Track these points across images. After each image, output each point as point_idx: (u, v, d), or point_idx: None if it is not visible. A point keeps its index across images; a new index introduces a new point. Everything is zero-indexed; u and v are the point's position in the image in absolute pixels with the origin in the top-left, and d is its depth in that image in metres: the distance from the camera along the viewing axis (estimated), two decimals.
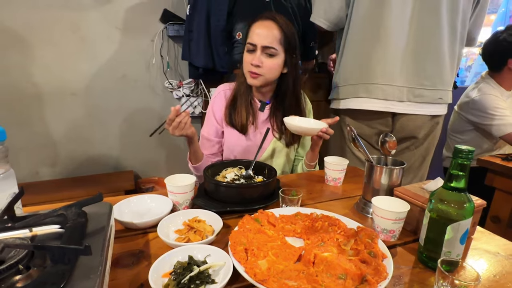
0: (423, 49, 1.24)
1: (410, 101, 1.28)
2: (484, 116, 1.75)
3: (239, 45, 1.80)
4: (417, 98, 1.28)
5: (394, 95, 1.28)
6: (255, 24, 1.18)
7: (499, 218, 1.59)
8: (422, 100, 1.29)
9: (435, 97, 1.29)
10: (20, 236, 0.53)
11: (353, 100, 1.35)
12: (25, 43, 1.96)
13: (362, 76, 1.31)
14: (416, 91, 1.27)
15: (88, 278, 0.43)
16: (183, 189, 0.87)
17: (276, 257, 0.64)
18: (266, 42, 1.14)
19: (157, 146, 2.47)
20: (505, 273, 0.67)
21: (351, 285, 0.56)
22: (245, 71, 1.22)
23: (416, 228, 0.80)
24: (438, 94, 1.29)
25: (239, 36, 1.79)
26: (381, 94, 1.29)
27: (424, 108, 1.30)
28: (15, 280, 0.43)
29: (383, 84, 1.28)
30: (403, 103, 1.29)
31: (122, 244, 0.72)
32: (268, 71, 1.18)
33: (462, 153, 0.61)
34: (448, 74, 1.29)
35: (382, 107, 1.30)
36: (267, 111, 1.30)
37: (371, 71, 1.29)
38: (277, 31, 1.15)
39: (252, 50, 1.17)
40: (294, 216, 0.82)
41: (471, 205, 0.63)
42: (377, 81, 1.28)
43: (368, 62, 1.29)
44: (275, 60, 1.17)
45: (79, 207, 0.60)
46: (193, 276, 0.57)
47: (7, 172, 0.67)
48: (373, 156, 0.95)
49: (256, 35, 1.15)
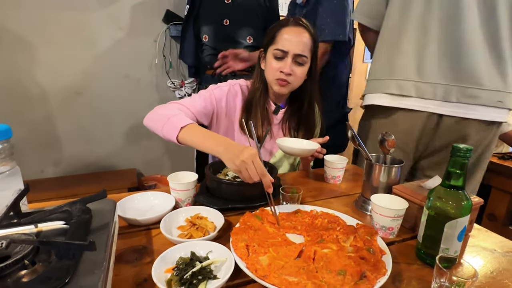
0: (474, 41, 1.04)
1: (460, 102, 1.07)
2: None
3: (206, 47, 1.83)
4: (469, 99, 1.07)
5: (435, 94, 1.09)
6: (284, 30, 1.09)
7: (495, 216, 1.59)
8: (476, 102, 1.06)
9: (494, 99, 1.06)
10: (26, 232, 0.53)
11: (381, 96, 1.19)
12: (30, 44, 1.96)
13: (394, 71, 1.15)
14: (467, 91, 1.06)
15: (93, 273, 0.43)
16: (185, 187, 0.86)
17: (276, 254, 0.64)
18: (299, 50, 1.08)
19: (159, 145, 2.47)
20: (502, 270, 0.66)
21: (350, 281, 0.56)
22: (271, 78, 1.13)
23: (414, 226, 0.80)
24: (497, 96, 1.06)
25: (205, 38, 1.81)
26: (415, 92, 1.11)
27: (477, 111, 1.08)
28: (20, 275, 0.43)
29: (418, 81, 1.11)
30: (450, 103, 1.08)
31: (126, 240, 0.72)
32: (297, 79, 1.12)
33: (460, 151, 0.61)
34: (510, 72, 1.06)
35: (416, 106, 1.12)
36: (280, 114, 1.25)
37: (405, 65, 1.13)
38: (307, 38, 1.09)
39: (281, 58, 1.09)
40: (294, 213, 0.82)
41: (468, 203, 0.62)
42: (410, 77, 1.11)
43: (402, 54, 1.13)
44: (304, 68, 1.12)
45: (84, 204, 0.60)
46: (196, 272, 0.57)
47: (13, 169, 0.66)
48: (372, 155, 0.95)
49: (288, 41, 1.07)
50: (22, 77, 1.99)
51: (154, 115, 1.02)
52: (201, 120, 1.14)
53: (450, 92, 1.08)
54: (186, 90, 2.33)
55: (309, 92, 1.21)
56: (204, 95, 1.15)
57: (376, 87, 1.21)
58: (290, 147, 1.07)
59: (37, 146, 2.12)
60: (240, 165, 0.77)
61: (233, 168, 0.80)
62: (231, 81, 1.23)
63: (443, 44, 1.07)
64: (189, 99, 1.13)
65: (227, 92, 1.18)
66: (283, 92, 1.15)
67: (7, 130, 0.65)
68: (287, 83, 1.11)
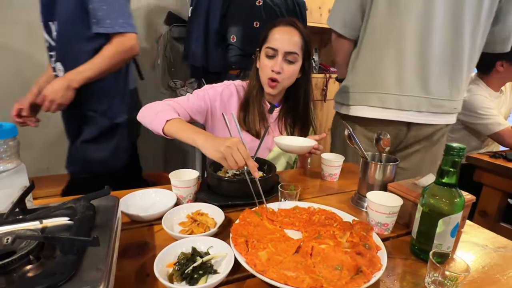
0: (445, 59, 1.16)
1: (429, 111, 1.21)
2: (473, 115, 1.75)
3: (233, 48, 1.79)
4: (436, 109, 1.21)
5: (411, 105, 1.20)
6: (275, 29, 1.11)
7: (487, 213, 1.59)
8: (440, 110, 1.22)
9: (452, 107, 1.23)
10: (31, 227, 0.52)
11: (364, 108, 1.27)
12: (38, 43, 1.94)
13: (377, 85, 1.23)
14: (434, 102, 1.20)
15: (96, 268, 0.43)
16: (186, 184, 0.86)
17: (275, 249, 0.64)
18: (289, 48, 1.09)
19: (162, 143, 2.47)
20: (493, 265, 0.66)
21: (347, 275, 0.56)
22: (263, 78, 1.15)
23: (408, 222, 0.80)
24: (454, 104, 1.23)
25: (233, 39, 1.77)
26: (395, 104, 1.21)
27: (441, 118, 1.24)
28: (26, 270, 0.43)
29: (398, 94, 1.20)
30: (421, 113, 1.21)
31: (129, 235, 0.72)
32: (287, 78, 1.13)
33: (453, 150, 0.61)
34: (464, 84, 1.23)
35: (395, 117, 1.22)
36: (275, 113, 1.25)
37: (387, 81, 1.21)
38: (298, 37, 1.10)
39: (272, 56, 1.10)
40: (292, 210, 0.82)
41: (461, 200, 0.62)
42: (391, 91, 1.20)
43: (384, 71, 1.21)
44: (295, 66, 1.12)
45: (88, 201, 0.60)
46: (196, 267, 0.57)
47: (19, 166, 0.66)
48: (368, 153, 0.95)
49: (278, 40, 1.09)
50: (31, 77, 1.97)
51: (145, 110, 1.04)
52: (195, 117, 1.15)
53: (422, 103, 1.20)
54: (188, 89, 2.33)
55: (303, 89, 1.21)
56: (198, 93, 1.17)
57: (360, 99, 1.29)
58: (287, 144, 1.06)
59: (43, 144, 2.11)
60: (226, 151, 0.76)
61: (216, 155, 0.79)
62: (226, 82, 1.24)
63: (419, 60, 1.17)
64: (183, 97, 1.15)
65: (221, 92, 1.19)
66: (273, 93, 1.16)
67: (12, 129, 0.65)
68: (277, 83, 1.12)
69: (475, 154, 1.64)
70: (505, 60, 1.69)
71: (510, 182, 1.47)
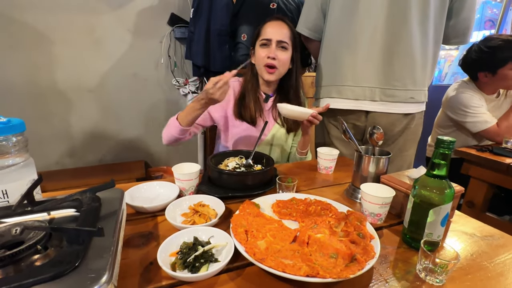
0: (393, 53, 1.19)
1: (382, 100, 1.24)
2: (461, 113, 1.71)
3: (242, 46, 1.75)
4: (389, 98, 1.24)
5: (365, 95, 1.25)
6: (267, 24, 1.20)
7: (474, 203, 1.59)
8: (394, 100, 1.24)
9: (407, 97, 1.24)
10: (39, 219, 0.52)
11: (327, 99, 1.33)
12: (46, 44, 1.93)
13: (335, 79, 1.29)
14: (387, 92, 1.23)
15: (101, 257, 0.42)
16: (189, 177, 0.86)
17: (273, 238, 0.63)
18: (280, 37, 1.17)
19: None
20: (481, 253, 0.66)
21: (342, 263, 0.56)
22: (260, 67, 1.21)
23: (400, 212, 0.79)
24: (409, 94, 1.24)
25: (244, 37, 1.74)
26: (351, 95, 1.26)
27: (396, 107, 1.26)
28: (33, 259, 0.43)
29: (353, 86, 1.25)
30: (375, 102, 1.25)
31: (133, 226, 0.71)
32: (282, 64, 1.19)
33: (444, 143, 0.60)
34: (420, 75, 1.23)
35: (352, 106, 1.28)
36: (270, 102, 1.30)
37: (342, 75, 1.27)
38: (286, 29, 1.19)
39: (266, 45, 1.18)
40: (289, 201, 0.81)
41: (451, 191, 0.62)
42: (347, 83, 1.26)
43: (340, 66, 1.27)
44: (288, 54, 1.20)
45: (93, 193, 0.59)
46: (198, 256, 0.56)
47: (27, 160, 0.65)
48: (362, 147, 0.94)
49: (270, 32, 1.18)
50: (40, 75, 1.97)
51: (163, 133, 1.17)
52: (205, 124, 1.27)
53: (375, 94, 1.24)
54: (190, 88, 2.31)
55: (294, 79, 1.27)
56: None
57: (323, 92, 1.36)
58: (288, 108, 1.09)
59: (52, 139, 2.10)
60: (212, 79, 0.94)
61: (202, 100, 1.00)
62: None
63: (370, 54, 1.21)
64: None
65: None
66: (272, 79, 1.21)
67: (21, 124, 0.64)
68: (275, 70, 1.19)
69: (463, 148, 1.62)
70: (487, 71, 1.64)
71: (496, 174, 1.46)
